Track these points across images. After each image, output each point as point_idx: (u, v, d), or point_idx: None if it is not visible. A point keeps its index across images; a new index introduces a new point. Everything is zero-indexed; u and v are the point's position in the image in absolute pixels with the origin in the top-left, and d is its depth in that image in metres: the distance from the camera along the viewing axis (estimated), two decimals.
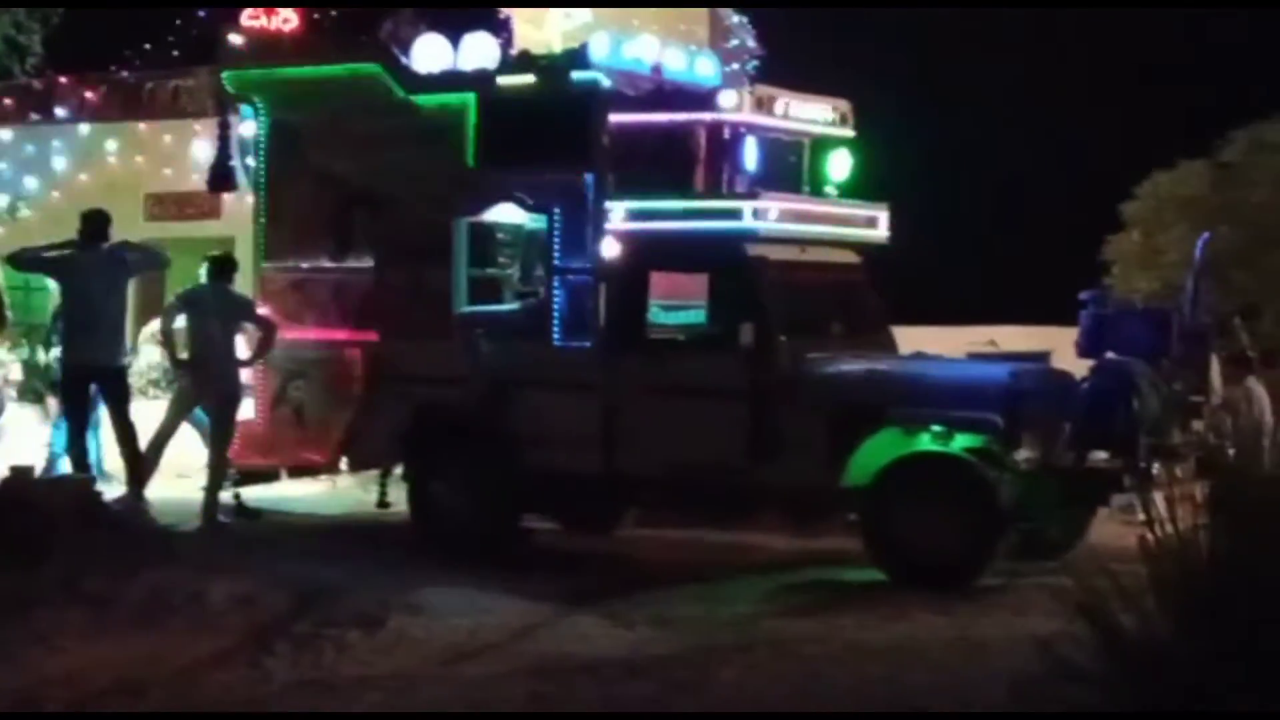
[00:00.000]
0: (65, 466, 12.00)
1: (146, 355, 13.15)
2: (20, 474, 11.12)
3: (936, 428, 10.08)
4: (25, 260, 12.06)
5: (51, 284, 12.90)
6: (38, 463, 12.11)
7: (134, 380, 12.36)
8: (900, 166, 12.81)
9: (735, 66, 13.27)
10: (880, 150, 12.29)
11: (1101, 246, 19.36)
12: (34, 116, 14.66)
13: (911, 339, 12.28)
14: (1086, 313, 11.95)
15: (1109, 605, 5.32)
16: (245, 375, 11.93)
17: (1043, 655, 5.45)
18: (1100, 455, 10.54)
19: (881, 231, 11.79)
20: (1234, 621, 5.13)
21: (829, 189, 11.67)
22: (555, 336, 11.21)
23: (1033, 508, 10.10)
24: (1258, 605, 5.09)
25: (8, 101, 14.67)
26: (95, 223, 11.82)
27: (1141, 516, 5.57)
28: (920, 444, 10.12)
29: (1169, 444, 10.56)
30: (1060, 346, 13.60)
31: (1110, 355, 11.23)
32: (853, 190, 11.79)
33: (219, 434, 11.69)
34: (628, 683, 7.88)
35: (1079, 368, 11.55)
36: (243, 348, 11.82)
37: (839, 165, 11.65)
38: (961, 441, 10.04)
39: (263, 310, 11.98)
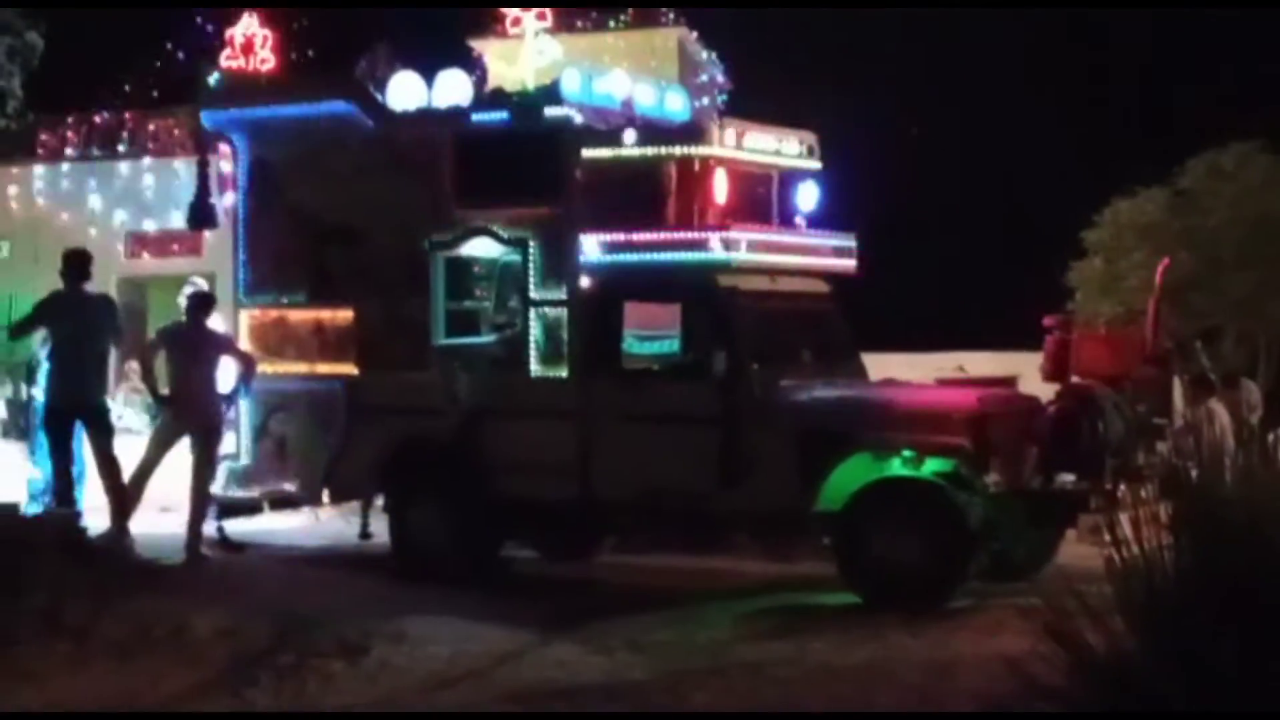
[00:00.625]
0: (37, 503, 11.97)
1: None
2: (4, 509, 11.08)
3: (907, 453, 10.09)
4: (17, 330, 12.00)
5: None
6: (20, 498, 12.07)
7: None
8: (868, 196, 12.85)
9: (704, 101, 13.31)
10: (848, 181, 12.33)
11: (1064, 273, 19.41)
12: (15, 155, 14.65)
13: (881, 366, 12.33)
14: (1051, 338, 11.99)
15: (1077, 625, 5.32)
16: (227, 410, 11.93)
17: (1013, 674, 5.44)
18: (1067, 478, 10.55)
19: (850, 261, 11.84)
20: (1199, 639, 5.14)
21: (798, 220, 11.71)
22: (531, 367, 11.22)
23: (1001, 530, 10.13)
24: (1222, 622, 5.10)
25: None
26: (77, 262, 11.79)
27: (1108, 537, 5.57)
28: (891, 469, 10.13)
29: (1133, 465, 10.57)
30: (1026, 371, 13.66)
31: (1075, 380, 11.26)
32: (821, 221, 11.83)
33: (201, 467, 11.64)
34: (606, 708, 7.89)
35: (1045, 392, 11.58)
36: (223, 382, 11.78)
37: (806, 196, 11.69)
38: (931, 466, 10.06)
39: (242, 345, 11.96)
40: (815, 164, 11.88)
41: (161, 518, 12.29)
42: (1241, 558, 5.20)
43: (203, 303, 11.90)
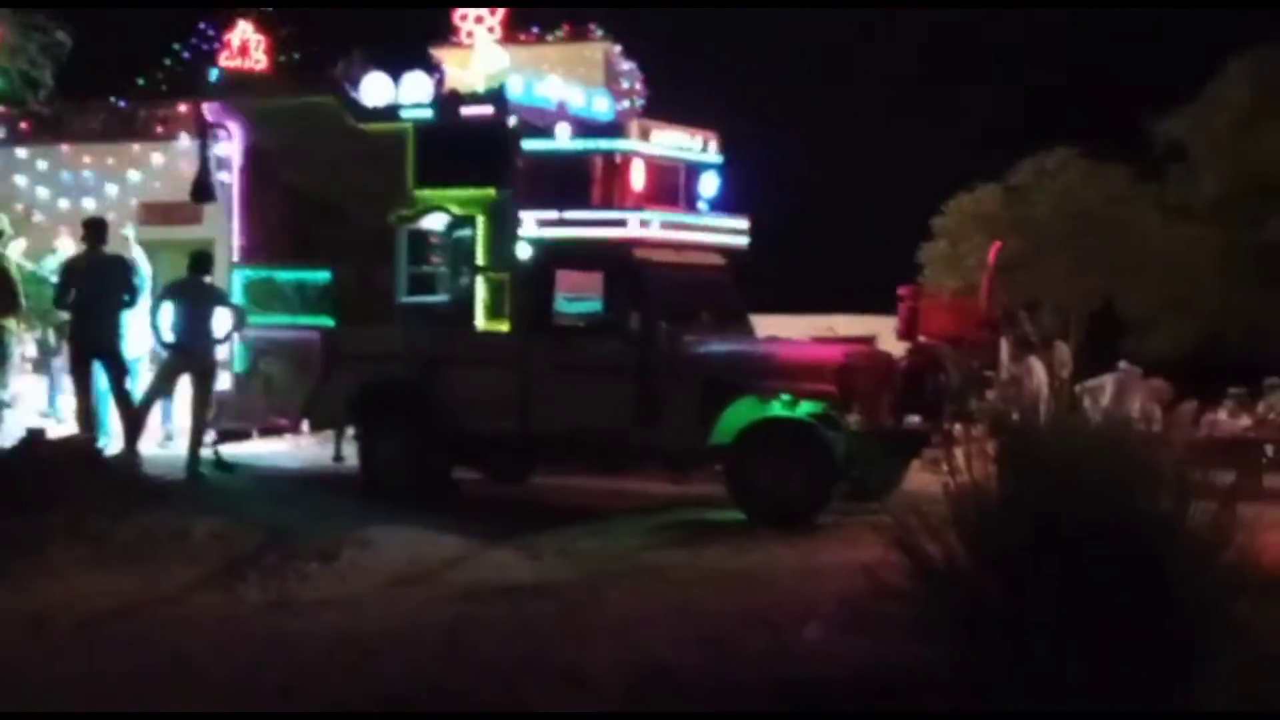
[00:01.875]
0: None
1: None
2: (33, 435, 10.91)
3: (785, 397, 10.17)
4: (60, 299, 11.66)
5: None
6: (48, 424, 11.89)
7: None
8: (759, 184, 12.87)
9: (625, 104, 13.25)
10: (742, 170, 12.35)
11: (916, 252, 19.56)
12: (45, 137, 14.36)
13: (766, 325, 12.39)
14: (904, 305, 12.10)
15: (919, 538, 5.38)
16: (220, 353, 11.77)
17: (868, 577, 5.50)
18: (914, 419, 10.68)
19: (742, 239, 11.88)
20: (1018, 549, 5.23)
21: (701, 204, 11.73)
22: (479, 323, 11.18)
23: (860, 460, 10.24)
24: (1038, 536, 5.19)
25: (24, 126, 14.33)
26: (96, 229, 11.62)
27: (945, 468, 5.65)
28: (772, 410, 10.21)
29: (967, 410, 10.74)
30: (883, 332, 13.78)
31: (922, 339, 11.38)
32: (719, 205, 11.86)
33: (200, 400, 11.50)
34: (535, 602, 7.93)
35: (898, 349, 11.70)
36: (218, 330, 11.65)
37: (708, 185, 11.71)
38: (805, 408, 10.14)
39: (236, 299, 11.84)
40: (716, 158, 11.90)
41: (166, 444, 12.21)
42: (1052, 486, 5.28)
43: (203, 261, 11.74)
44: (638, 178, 11.09)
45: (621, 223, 10.90)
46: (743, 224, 11.88)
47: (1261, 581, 5.24)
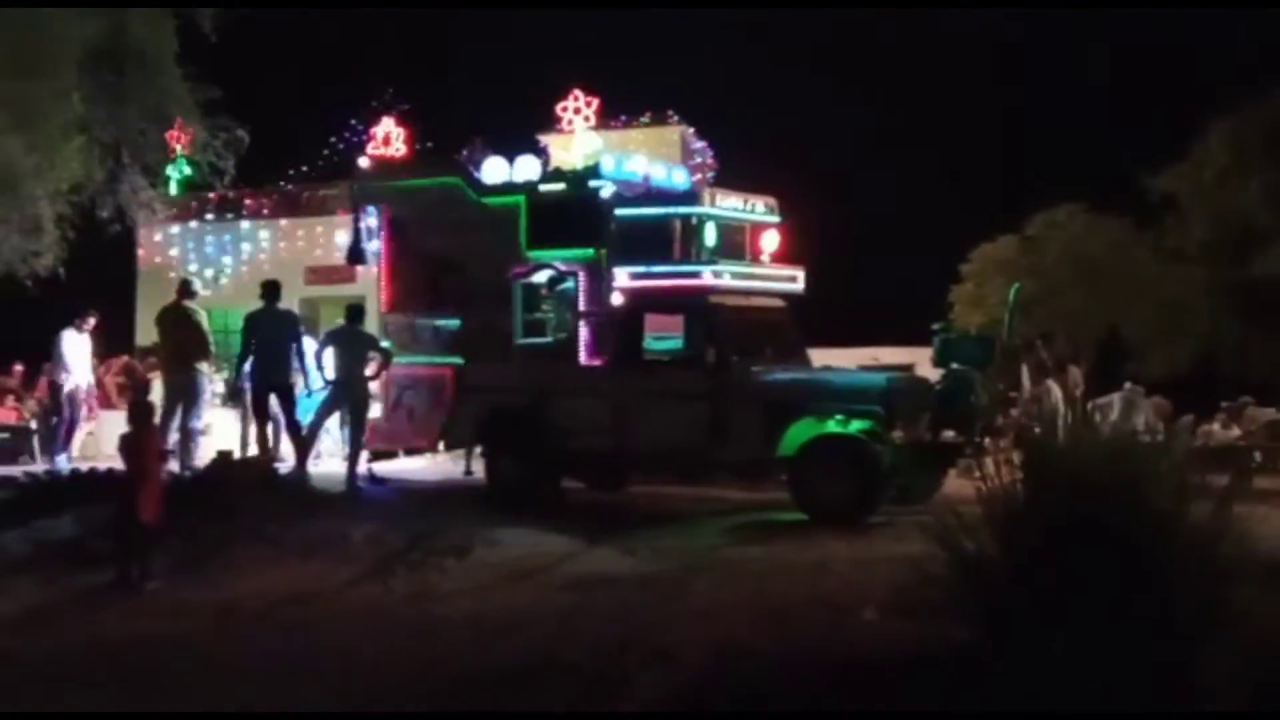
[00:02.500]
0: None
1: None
2: (223, 456, 11.12)
3: (839, 416, 10.06)
4: (245, 349, 11.63)
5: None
6: (234, 448, 12.10)
7: None
8: (813, 237, 12.80)
9: (699, 176, 13.28)
10: (799, 228, 12.30)
11: (946, 293, 19.38)
12: (229, 215, 14.70)
13: (820, 356, 12.27)
14: (937, 338, 11.94)
15: (957, 535, 5.30)
16: (372, 387, 11.93)
17: (912, 568, 5.43)
18: (949, 433, 10.52)
19: (799, 285, 11.80)
20: (1040, 543, 5.13)
21: (764, 257, 11.70)
22: (581, 359, 11.22)
23: (904, 470, 10.06)
24: (1057, 532, 5.09)
25: (211, 206, 14.67)
26: (271, 288, 11.80)
27: (978, 475, 5.56)
28: (828, 427, 10.07)
29: (995, 425, 10.55)
30: (920, 361, 13.58)
31: (954, 366, 11.22)
32: (779, 257, 11.81)
33: (356, 427, 11.62)
34: (632, 591, 7.86)
35: (933, 375, 11.53)
36: (370, 369, 11.80)
37: (770, 241, 11.67)
38: (856, 425, 10.00)
39: (384, 343, 11.99)
40: (775, 217, 11.86)
41: (329, 462, 12.34)
42: (1069, 489, 5.18)
43: (356, 312, 11.92)
44: (710, 237, 11.10)
45: (698, 274, 10.90)
46: (799, 273, 11.81)
47: (1257, 571, 5.08)
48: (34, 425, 14.60)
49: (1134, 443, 5.82)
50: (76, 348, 13.01)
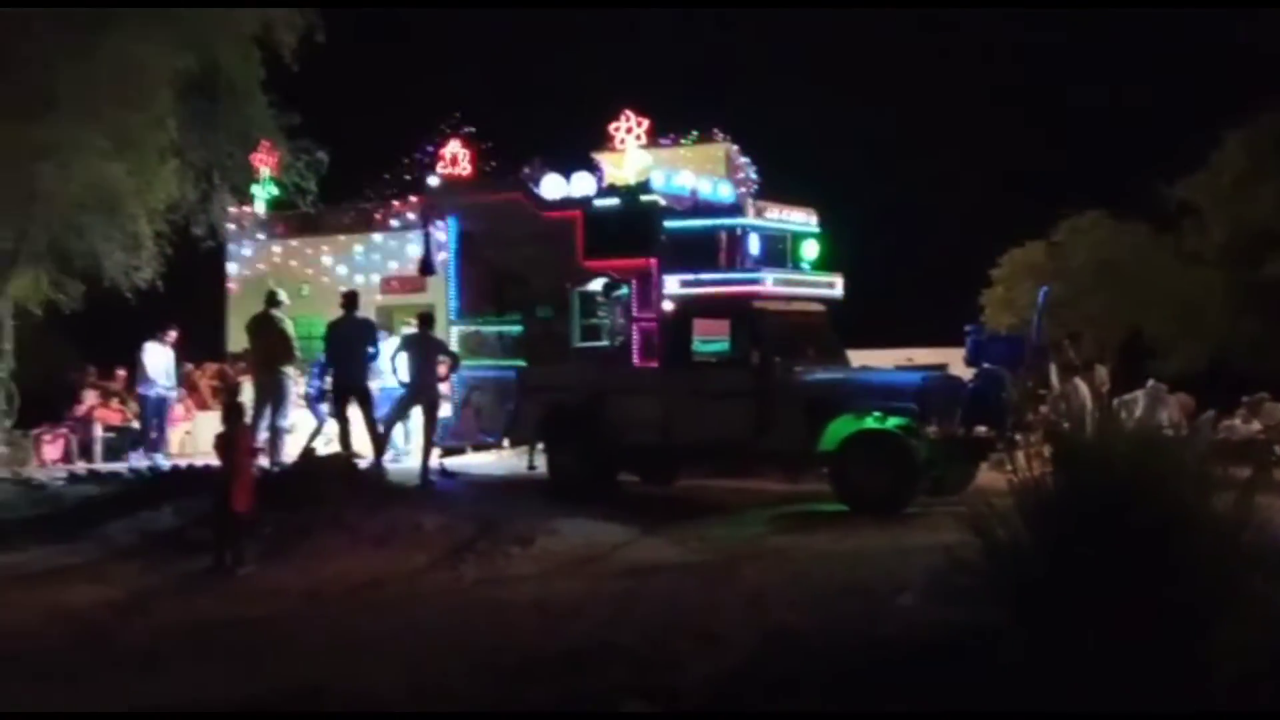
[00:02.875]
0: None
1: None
2: (306, 452, 11.25)
3: (876, 413, 9.98)
4: (329, 355, 11.72)
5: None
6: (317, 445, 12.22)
7: None
8: (851, 244, 12.69)
9: (743, 190, 13.22)
10: (837, 236, 12.19)
11: (978, 296, 19.17)
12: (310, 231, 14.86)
13: (858, 357, 12.17)
14: (969, 338, 11.79)
15: (990, 524, 5.23)
16: (442, 389, 11.99)
17: (948, 556, 5.37)
18: (981, 428, 10.38)
19: (838, 291, 11.70)
20: (1069, 531, 5.05)
21: (804, 265, 11.62)
22: (634, 361, 11.22)
23: (938, 463, 9.96)
24: (1083, 521, 5.01)
25: (295, 224, 14.86)
26: (350, 298, 11.89)
27: (1009, 467, 5.47)
28: (867, 423, 9.99)
29: (1025, 421, 10.39)
30: (953, 360, 13.41)
31: (986, 365, 11.07)
32: (819, 265, 11.73)
33: (428, 425, 11.64)
34: (682, 577, 7.85)
35: (966, 373, 11.39)
36: (440, 370, 11.86)
37: (809, 249, 11.59)
38: (893, 421, 9.92)
39: (452, 348, 12.06)
40: (814, 227, 11.78)
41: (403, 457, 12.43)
42: (1096, 481, 5.10)
43: (427, 320, 12.00)
44: (754, 246, 11.05)
45: (742, 281, 10.85)
46: (837, 279, 11.70)
47: (1277, 557, 4.96)
48: (137, 425, 14.88)
49: (1159, 437, 5.71)
50: (158, 359, 13.22)
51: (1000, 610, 5.17)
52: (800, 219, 11.68)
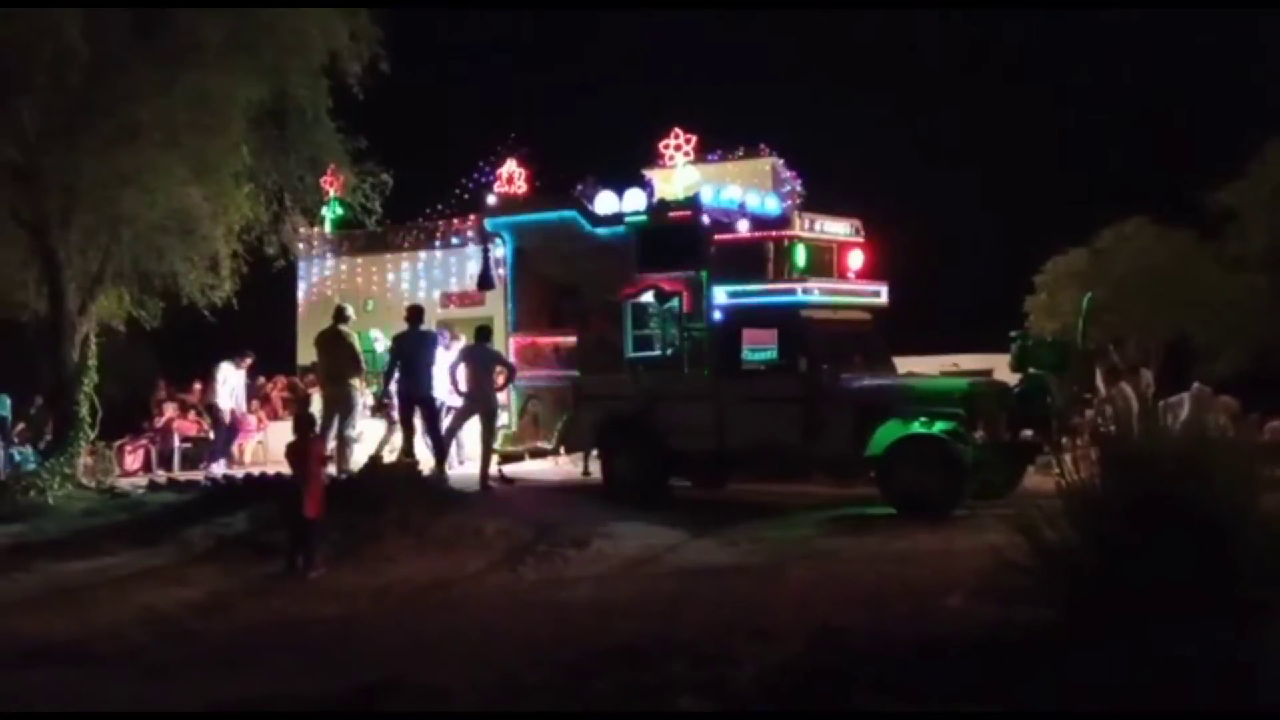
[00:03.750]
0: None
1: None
2: (374, 459, 11.37)
3: (923, 419, 9.89)
4: (391, 365, 11.75)
5: (381, 346, 13.23)
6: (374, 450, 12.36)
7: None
8: (897, 253, 12.57)
9: (789, 203, 13.19)
10: (883, 245, 12.09)
11: (1022, 302, 18.92)
12: (376, 249, 15.06)
13: (905, 364, 12.06)
14: (1015, 344, 11.62)
15: (1038, 525, 5.19)
16: (500, 398, 12.07)
17: (997, 557, 5.31)
18: (1027, 432, 10.25)
19: (883, 298, 11.62)
20: (1118, 532, 4.98)
21: (850, 274, 11.55)
22: (686, 369, 11.22)
23: (985, 466, 9.85)
24: (1133, 522, 4.94)
25: (360, 242, 15.08)
26: (415, 312, 12.02)
27: (1056, 470, 5.40)
28: (914, 428, 9.91)
29: (1071, 424, 10.24)
30: (999, 366, 13.23)
31: (1031, 370, 10.92)
32: (864, 273, 11.65)
33: (487, 434, 11.75)
34: (735, 579, 7.81)
35: (1011, 379, 11.23)
36: (497, 380, 11.94)
37: (855, 259, 11.53)
38: (939, 426, 9.82)
39: (509, 359, 12.12)
40: (860, 237, 11.71)
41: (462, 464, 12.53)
42: (1144, 482, 5.04)
43: (485, 332, 12.10)
44: (801, 257, 11.02)
45: (790, 291, 10.83)
46: (883, 288, 11.63)
47: None
48: (213, 436, 15.17)
49: (1205, 438, 5.61)
50: (231, 379, 13.56)
51: (1050, 609, 5.11)
52: (845, 228, 11.63)
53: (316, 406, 12.56)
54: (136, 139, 11.55)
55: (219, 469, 13.17)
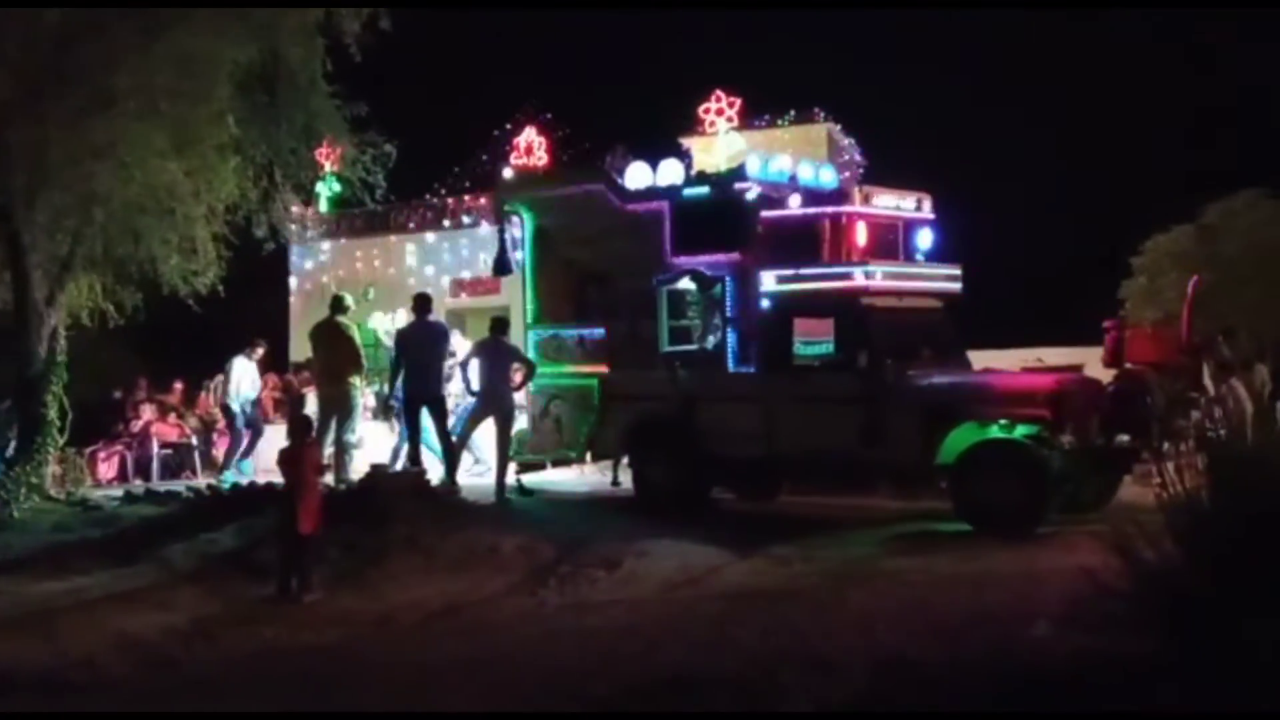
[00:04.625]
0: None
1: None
2: (377, 468, 11.46)
3: (1003, 421, 9.81)
4: (397, 362, 11.94)
5: (389, 342, 13.30)
6: (387, 460, 12.45)
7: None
8: (972, 232, 12.45)
9: (847, 174, 13.14)
10: (954, 224, 12.02)
11: (1117, 288, 18.70)
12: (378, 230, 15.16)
13: (981, 359, 11.99)
14: (1109, 335, 11.52)
15: (1137, 544, 5.13)
16: (518, 397, 12.11)
17: (1087, 580, 5.27)
18: (1123, 437, 10.13)
19: (956, 284, 11.54)
20: (1232, 554, 4.92)
21: (917, 256, 11.49)
22: (730, 365, 11.21)
23: (1074, 476, 9.75)
24: (1249, 541, 4.88)
25: (360, 223, 15.18)
26: (422, 302, 12.09)
27: (1157, 480, 5.36)
28: (991, 433, 9.85)
29: (1174, 428, 10.13)
30: (1090, 361, 13.14)
31: (1128, 365, 10.81)
32: (934, 255, 11.58)
33: (503, 439, 11.81)
34: (787, 603, 7.76)
35: (1105, 376, 11.13)
36: (514, 379, 11.99)
37: (923, 239, 11.44)
38: (1021, 430, 9.76)
39: (528, 354, 12.16)
40: (929, 214, 11.62)
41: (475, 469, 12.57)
42: (1260, 494, 4.98)
43: (501, 325, 12.14)
44: (861, 236, 10.93)
45: (848, 275, 10.74)
46: (956, 271, 11.53)
47: None
48: (195, 441, 15.35)
49: None
50: (246, 374, 13.63)
51: (1150, 641, 5.06)
52: (912, 204, 11.55)
53: (312, 408, 12.69)
54: (110, 108, 11.70)
55: (226, 477, 13.26)
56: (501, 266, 12.80)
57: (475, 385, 11.85)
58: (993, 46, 25.94)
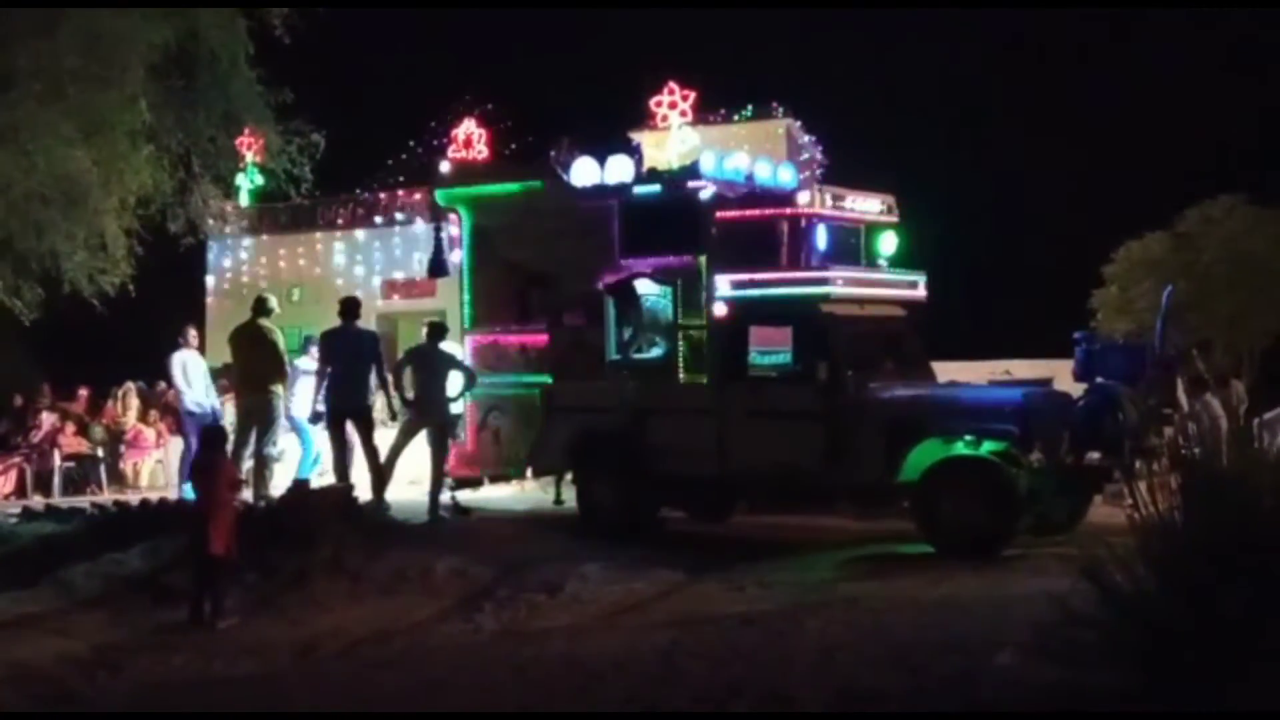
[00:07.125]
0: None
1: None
2: (299, 485, 11.34)
3: (968, 437, 9.91)
4: (321, 369, 11.76)
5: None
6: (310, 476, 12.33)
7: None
8: (936, 239, 12.60)
9: (807, 173, 13.23)
10: (919, 228, 12.14)
11: (1088, 298, 18.99)
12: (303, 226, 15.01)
13: (946, 371, 12.09)
14: (1079, 348, 11.68)
15: (1107, 568, 5.17)
16: (455, 409, 12.06)
17: (1056, 606, 5.29)
18: (1094, 455, 10.27)
19: (920, 292, 11.63)
20: (1205, 577, 4.98)
21: (880, 261, 11.57)
22: (680, 376, 11.21)
23: (1043, 496, 9.86)
24: (1222, 566, 4.95)
25: (284, 218, 15.05)
26: (348, 306, 12.01)
27: (1129, 501, 5.42)
28: (956, 449, 9.94)
29: (1146, 446, 10.27)
30: (1059, 374, 13.31)
31: (1099, 380, 10.96)
32: (899, 261, 11.68)
33: (437, 452, 11.77)
34: (741, 630, 7.79)
35: (1075, 390, 11.28)
36: (451, 388, 11.94)
37: (887, 244, 11.54)
38: (987, 446, 9.84)
39: (466, 362, 12.11)
40: (893, 218, 11.73)
41: (409, 489, 12.50)
42: (1236, 516, 5.04)
43: (437, 330, 12.08)
44: (821, 240, 11.00)
45: (808, 280, 10.81)
46: (921, 278, 11.64)
47: None
48: (101, 454, 15.11)
49: None
50: (193, 366, 12.81)
51: (1121, 671, 5.11)
52: (876, 207, 11.64)
53: (229, 418, 12.52)
54: (10, 90, 11.51)
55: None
56: (437, 267, 12.75)
57: (409, 395, 11.76)
58: (962, 47, 26.32)
